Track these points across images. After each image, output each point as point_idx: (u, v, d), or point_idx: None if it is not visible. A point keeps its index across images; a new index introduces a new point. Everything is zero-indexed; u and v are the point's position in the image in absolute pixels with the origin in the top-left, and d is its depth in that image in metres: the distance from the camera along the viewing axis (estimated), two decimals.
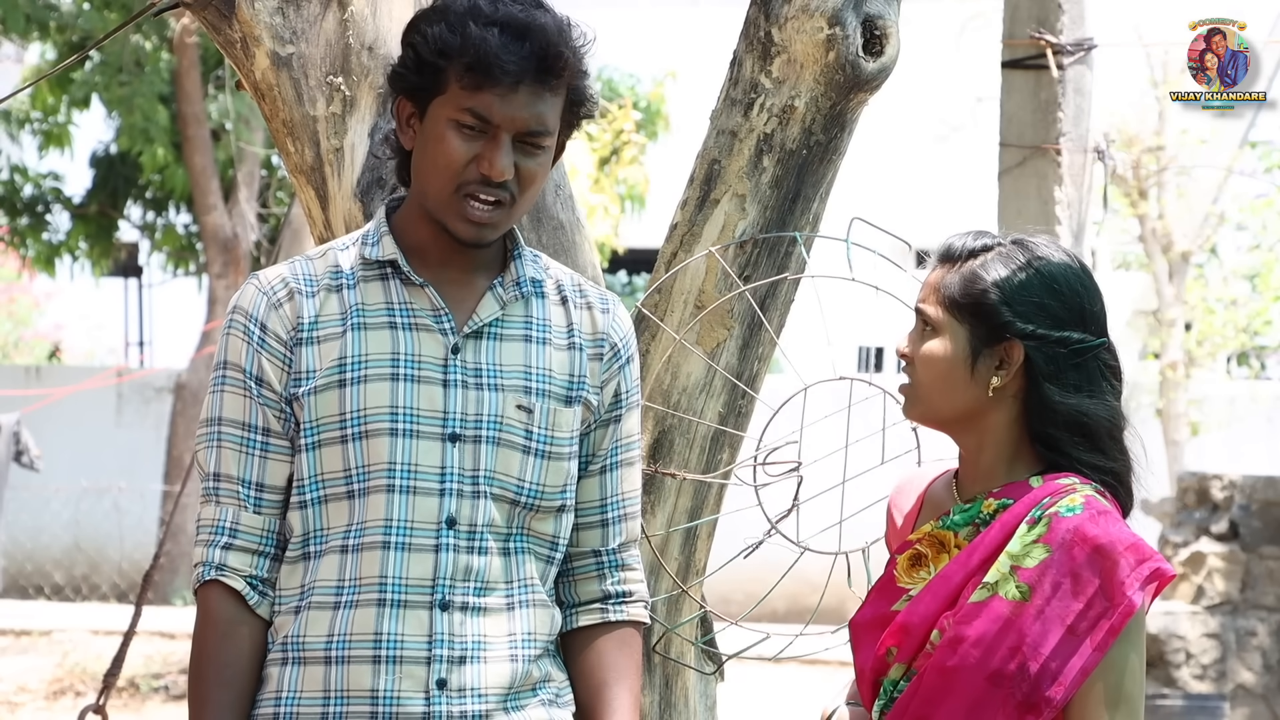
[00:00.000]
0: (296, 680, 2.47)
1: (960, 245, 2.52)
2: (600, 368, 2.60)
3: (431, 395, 2.48)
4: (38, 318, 21.28)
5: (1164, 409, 13.50)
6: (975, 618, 2.42)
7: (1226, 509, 8.83)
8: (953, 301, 2.49)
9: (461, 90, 2.43)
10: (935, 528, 2.52)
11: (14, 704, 10.44)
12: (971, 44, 12.51)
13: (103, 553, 14.27)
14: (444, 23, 2.43)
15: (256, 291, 2.52)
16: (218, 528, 2.51)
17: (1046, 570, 2.41)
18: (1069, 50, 5.36)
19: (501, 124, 2.44)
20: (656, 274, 3.21)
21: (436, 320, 2.51)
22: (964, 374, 2.48)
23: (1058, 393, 2.46)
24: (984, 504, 2.50)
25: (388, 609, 2.44)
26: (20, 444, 12.08)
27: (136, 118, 13.03)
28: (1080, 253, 5.50)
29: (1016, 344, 2.46)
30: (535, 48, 2.43)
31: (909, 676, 2.47)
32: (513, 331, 2.54)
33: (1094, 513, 2.44)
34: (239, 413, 2.51)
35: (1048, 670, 2.39)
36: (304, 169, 3.14)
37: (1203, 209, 13.22)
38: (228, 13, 3.12)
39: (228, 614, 2.49)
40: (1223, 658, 8.60)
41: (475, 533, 2.47)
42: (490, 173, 2.44)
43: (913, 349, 2.53)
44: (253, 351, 2.50)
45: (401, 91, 2.50)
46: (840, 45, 3.04)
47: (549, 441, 2.52)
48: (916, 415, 2.56)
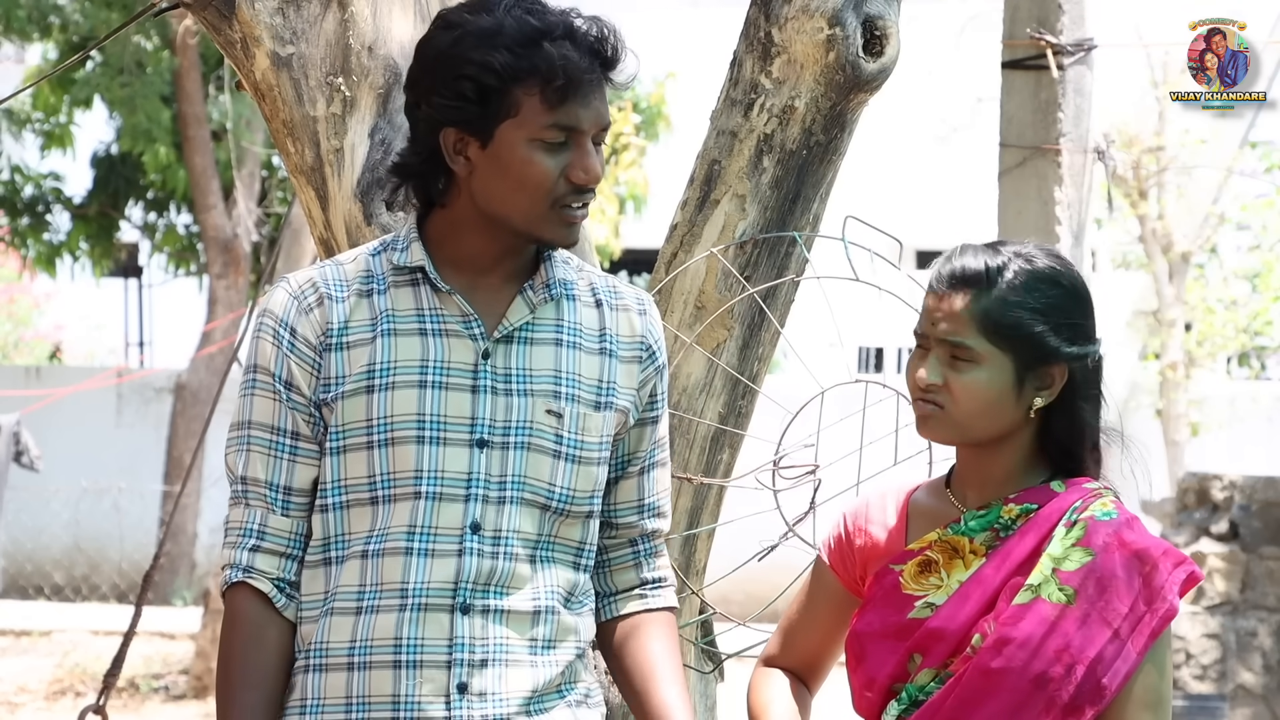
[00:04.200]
0: (320, 687, 2.46)
1: (977, 268, 2.48)
2: (638, 370, 2.58)
3: (459, 401, 2.47)
4: (38, 318, 21.27)
5: (1164, 409, 13.49)
6: (1020, 620, 2.43)
7: (1227, 509, 8.83)
8: (994, 331, 2.45)
9: (544, 108, 2.41)
10: (945, 535, 2.52)
11: (14, 704, 10.44)
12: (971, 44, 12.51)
13: (103, 553, 14.26)
14: (503, 49, 2.40)
15: (286, 295, 2.52)
16: (246, 530, 2.51)
17: (1090, 574, 2.44)
18: (1069, 50, 5.36)
19: (587, 129, 2.44)
20: (656, 274, 3.21)
21: (466, 326, 2.49)
22: (1011, 401, 2.47)
23: (1087, 409, 2.49)
24: (1003, 509, 2.51)
25: (408, 613, 2.43)
26: (20, 444, 12.08)
27: (138, 118, 13.03)
28: (1080, 253, 5.51)
29: (1061, 366, 2.47)
30: (601, 47, 2.44)
31: (939, 680, 2.47)
32: (543, 335, 2.53)
33: (1128, 517, 2.49)
34: (268, 416, 2.50)
35: (1093, 672, 2.42)
36: (304, 169, 3.14)
37: (1203, 209, 13.21)
38: (228, 13, 3.12)
39: (255, 616, 2.49)
40: (1223, 658, 8.60)
41: (500, 538, 2.47)
42: (588, 179, 2.44)
43: (946, 379, 2.48)
44: (282, 356, 2.49)
45: (455, 124, 2.46)
46: (840, 46, 3.04)
47: (579, 446, 2.51)
48: (944, 438, 2.53)
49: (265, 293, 2.57)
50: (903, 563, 2.54)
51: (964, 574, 2.49)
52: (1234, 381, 16.85)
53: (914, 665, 2.49)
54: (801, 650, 2.71)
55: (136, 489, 14.15)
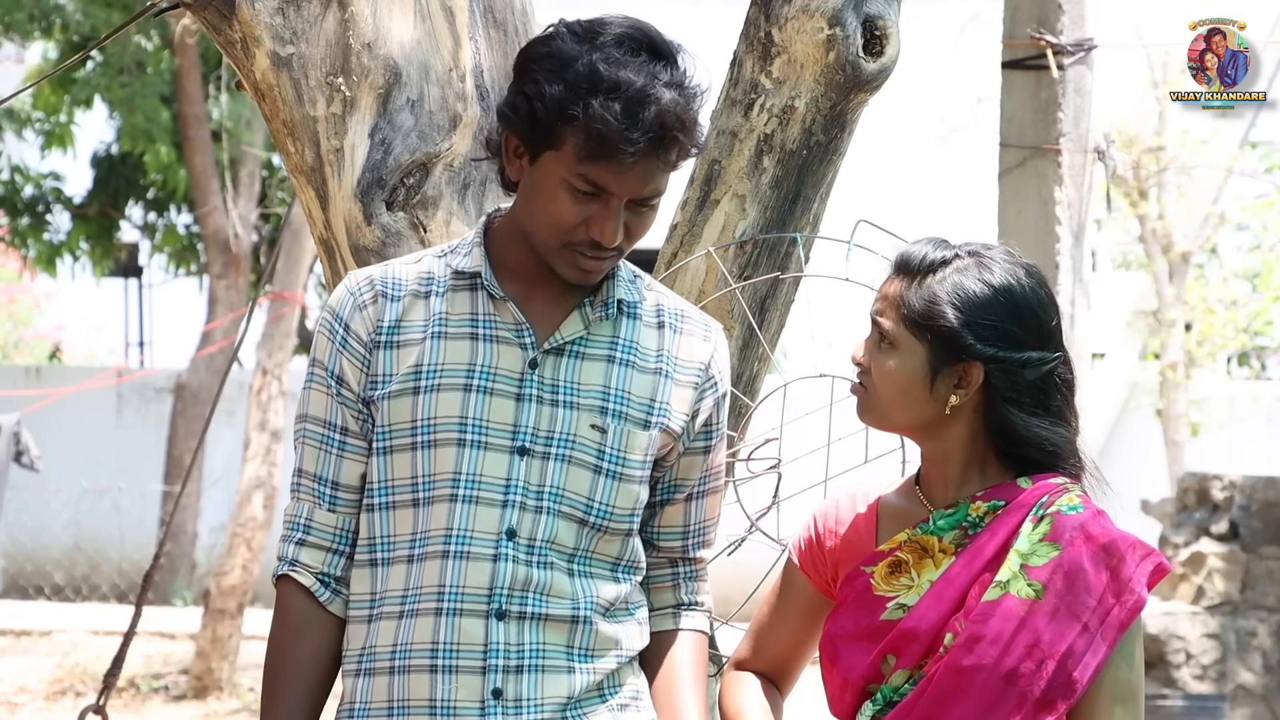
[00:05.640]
0: (367, 691, 2.48)
1: (918, 257, 2.50)
2: (693, 396, 2.57)
3: (503, 408, 2.47)
4: (38, 318, 21.27)
5: (1164, 409, 13.49)
6: (990, 616, 2.44)
7: (1227, 509, 8.83)
8: (912, 319, 2.47)
9: (576, 158, 2.39)
10: (914, 535, 2.53)
11: (14, 704, 10.44)
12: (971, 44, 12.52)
13: (103, 553, 14.27)
14: (563, 83, 2.38)
15: (345, 291, 2.55)
16: (295, 524, 2.54)
17: (1057, 568, 2.44)
18: (1069, 50, 5.37)
19: (617, 193, 2.41)
20: (656, 274, 3.21)
21: (517, 334, 2.49)
22: (922, 391, 2.49)
23: (1019, 415, 2.47)
24: (971, 507, 2.51)
25: (444, 618, 2.44)
26: (20, 444, 12.08)
27: (138, 118, 13.03)
28: (1080, 253, 5.51)
29: (976, 365, 2.47)
30: (656, 127, 2.37)
31: (913, 681, 2.48)
32: (596, 351, 2.52)
33: (1094, 511, 2.49)
34: (321, 410, 2.53)
35: (1064, 667, 2.42)
36: (304, 169, 3.15)
37: (1203, 209, 13.20)
38: (228, 13, 3.13)
39: (300, 609, 2.51)
40: (1223, 658, 8.60)
41: (535, 546, 2.46)
42: (602, 239, 2.43)
43: (869, 359, 2.52)
44: (335, 351, 2.52)
45: (510, 130, 2.46)
46: (840, 45, 3.04)
47: (621, 463, 2.50)
48: (871, 422, 2.57)
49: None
50: (873, 564, 2.54)
51: (934, 573, 2.50)
52: (1234, 381, 16.85)
53: (888, 666, 2.50)
54: (773, 653, 2.70)
55: (136, 489, 14.15)
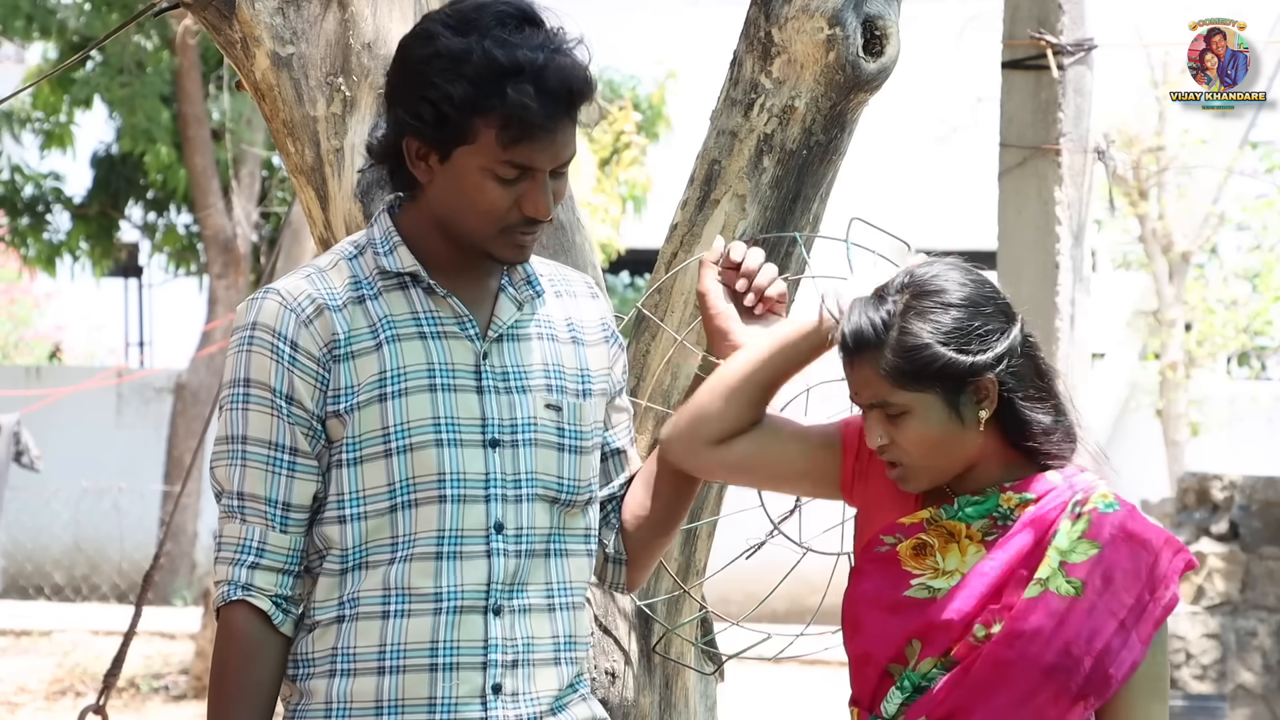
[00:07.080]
0: (346, 691, 2.46)
1: (866, 326, 2.48)
2: (607, 351, 2.63)
3: (469, 403, 2.48)
4: (38, 318, 21.27)
5: (1164, 409, 13.49)
6: (1030, 613, 2.47)
7: (1226, 509, 8.84)
8: (907, 379, 2.46)
9: (499, 145, 2.40)
10: (938, 516, 2.54)
11: (14, 704, 10.44)
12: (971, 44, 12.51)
13: (103, 553, 14.28)
14: (464, 80, 2.38)
15: (281, 308, 2.46)
16: (244, 546, 2.48)
17: (1096, 566, 2.48)
18: (1069, 50, 5.37)
19: (543, 167, 2.44)
20: (657, 274, 3.21)
21: (462, 327, 2.50)
22: (956, 430, 2.49)
23: (1027, 407, 2.49)
24: (1002, 498, 2.53)
25: (444, 617, 2.44)
26: (20, 444, 12.09)
27: (138, 118, 13.04)
28: (1080, 253, 5.52)
29: (988, 377, 2.48)
30: (565, 94, 2.41)
31: (942, 667, 2.50)
32: (528, 330, 2.55)
33: (1129, 507, 2.53)
34: (265, 431, 2.46)
35: (1100, 663, 2.46)
36: (304, 169, 3.15)
37: (1203, 209, 13.20)
38: (228, 13, 3.13)
39: (252, 634, 2.47)
40: (1223, 658, 8.61)
41: (521, 536, 2.49)
42: (537, 214, 2.45)
43: (891, 436, 2.50)
44: (283, 370, 2.44)
45: (416, 136, 2.45)
46: (840, 45, 3.04)
47: (580, 437, 2.55)
48: (927, 486, 2.55)
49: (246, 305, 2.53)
50: (892, 534, 2.56)
51: (961, 560, 2.52)
52: (1234, 381, 16.86)
53: (912, 650, 2.52)
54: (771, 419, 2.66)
55: (136, 489, 14.16)
